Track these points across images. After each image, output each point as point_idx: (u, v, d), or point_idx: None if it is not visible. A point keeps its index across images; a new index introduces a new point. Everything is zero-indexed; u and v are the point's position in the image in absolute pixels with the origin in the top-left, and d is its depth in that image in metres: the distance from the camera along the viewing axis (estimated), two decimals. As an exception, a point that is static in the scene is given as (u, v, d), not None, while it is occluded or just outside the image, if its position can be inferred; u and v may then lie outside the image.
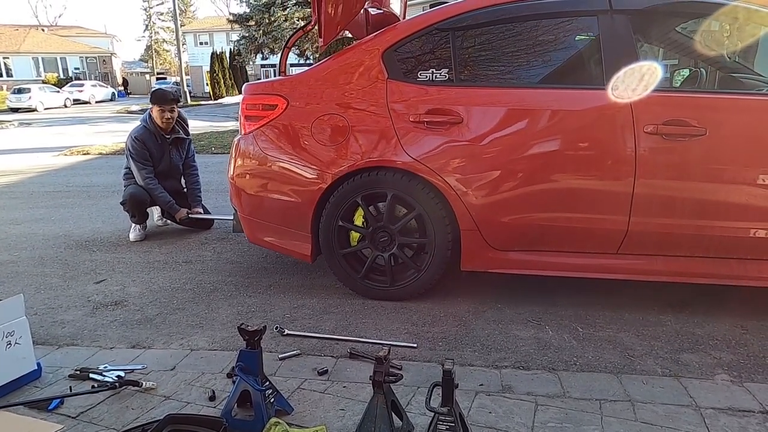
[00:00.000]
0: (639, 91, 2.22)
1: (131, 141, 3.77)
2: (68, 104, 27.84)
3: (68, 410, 1.75)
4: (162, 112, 3.75)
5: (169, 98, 3.82)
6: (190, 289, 2.90)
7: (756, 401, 1.76)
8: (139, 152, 3.75)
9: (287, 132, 2.62)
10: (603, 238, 2.38)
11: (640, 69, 2.23)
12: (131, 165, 3.81)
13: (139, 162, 3.77)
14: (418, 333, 2.33)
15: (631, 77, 2.23)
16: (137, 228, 3.87)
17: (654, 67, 2.23)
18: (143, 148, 3.75)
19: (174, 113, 3.82)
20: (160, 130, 3.81)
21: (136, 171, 3.78)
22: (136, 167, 3.78)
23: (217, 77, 28.80)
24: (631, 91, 2.22)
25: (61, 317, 2.57)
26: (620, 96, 2.23)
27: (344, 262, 2.67)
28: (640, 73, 2.22)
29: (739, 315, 2.43)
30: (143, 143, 3.75)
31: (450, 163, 2.40)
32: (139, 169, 3.77)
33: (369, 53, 2.55)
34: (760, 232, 2.25)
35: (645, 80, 2.23)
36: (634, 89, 2.22)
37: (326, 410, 1.74)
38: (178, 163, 3.99)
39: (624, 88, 2.23)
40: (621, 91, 2.23)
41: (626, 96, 2.23)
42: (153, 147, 3.80)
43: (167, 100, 3.79)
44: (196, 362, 2.08)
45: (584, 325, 2.37)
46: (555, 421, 1.67)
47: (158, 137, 3.81)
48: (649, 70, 2.22)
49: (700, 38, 3.05)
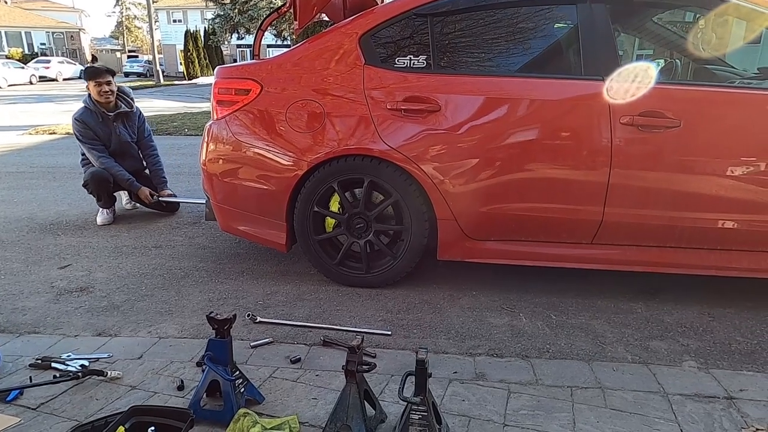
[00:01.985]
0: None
1: (74, 123, 3.63)
2: (34, 81, 26.76)
3: (28, 401, 1.69)
4: (99, 86, 3.61)
5: (103, 70, 3.68)
6: (160, 275, 2.83)
7: (721, 387, 1.80)
8: (84, 133, 3.62)
9: (261, 118, 2.55)
10: (578, 228, 2.40)
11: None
12: (82, 148, 3.68)
13: (88, 143, 3.64)
14: (393, 320, 2.32)
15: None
16: (105, 211, 3.75)
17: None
18: (87, 128, 3.62)
19: (111, 86, 3.67)
20: (101, 107, 3.67)
21: (89, 153, 3.66)
22: (87, 149, 3.65)
23: (191, 57, 28.07)
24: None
25: (22, 304, 2.47)
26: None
27: (319, 249, 2.63)
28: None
29: (707, 303, 2.49)
30: (85, 124, 3.61)
31: (427, 152, 2.37)
32: (90, 149, 3.64)
33: (346, 37, 2.49)
34: (728, 223, 2.30)
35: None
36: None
37: (298, 399, 1.72)
38: (128, 139, 3.83)
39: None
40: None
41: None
42: (97, 126, 3.66)
43: (101, 72, 3.64)
44: (165, 350, 2.03)
45: (557, 313, 2.39)
46: (527, 408, 1.68)
47: (100, 115, 3.67)
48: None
49: (676, 29, 3.08)
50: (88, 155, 3.69)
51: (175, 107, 12.82)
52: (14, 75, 25.37)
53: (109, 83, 3.66)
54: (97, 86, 3.61)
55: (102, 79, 3.62)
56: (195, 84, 24.59)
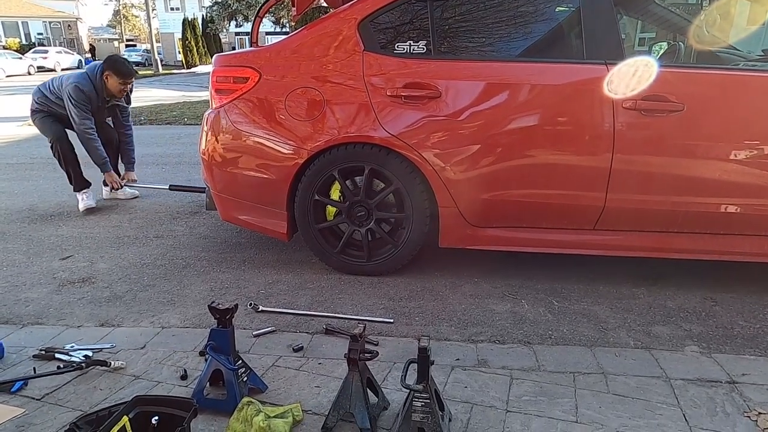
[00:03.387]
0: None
1: (76, 90, 3.53)
2: (32, 71, 26.60)
3: (32, 392, 1.69)
4: (124, 84, 3.64)
5: (133, 72, 3.72)
6: (162, 265, 2.83)
7: (723, 372, 1.80)
8: (81, 99, 3.55)
9: (261, 106, 2.52)
10: (580, 214, 2.38)
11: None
12: (71, 109, 3.56)
13: (82, 110, 3.57)
14: (395, 308, 2.32)
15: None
16: (84, 196, 3.76)
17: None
18: (87, 102, 3.58)
19: (130, 85, 3.74)
20: (107, 95, 3.67)
21: (77, 117, 3.56)
22: (77, 114, 3.56)
23: (189, 45, 27.89)
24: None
25: (25, 295, 2.48)
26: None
27: (320, 237, 2.63)
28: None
29: (710, 287, 2.48)
30: (86, 95, 3.56)
31: (428, 139, 2.35)
32: (81, 117, 3.57)
33: (345, 23, 2.45)
34: (731, 207, 2.28)
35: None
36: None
37: (301, 387, 1.73)
38: (108, 121, 3.87)
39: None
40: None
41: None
42: (93, 105, 3.64)
43: (131, 74, 3.69)
44: (168, 340, 2.03)
45: (559, 299, 2.39)
46: (530, 394, 1.69)
47: (101, 99, 3.66)
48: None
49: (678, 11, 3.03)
50: (75, 118, 3.57)
51: (174, 96, 12.76)
52: (12, 65, 25.24)
53: (131, 84, 3.72)
54: (122, 84, 3.63)
55: (129, 80, 3.67)
56: (194, 73, 24.46)
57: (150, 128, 8.03)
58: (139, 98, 12.95)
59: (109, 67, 3.60)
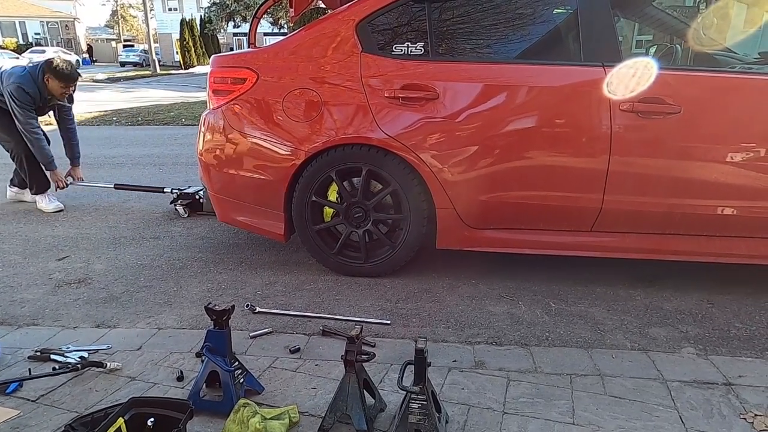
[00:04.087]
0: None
1: (19, 91, 3.50)
2: (29, 72, 26.52)
3: (28, 393, 1.69)
4: (65, 88, 3.60)
5: (75, 77, 3.65)
6: (158, 266, 2.82)
7: (720, 374, 1.80)
8: (25, 99, 3.53)
9: (258, 107, 2.52)
10: (577, 215, 2.39)
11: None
12: (14, 108, 3.54)
13: (26, 107, 3.54)
14: (392, 309, 2.31)
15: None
16: (47, 198, 3.77)
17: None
18: (31, 102, 3.56)
19: (73, 87, 3.68)
20: (47, 95, 3.62)
21: (21, 116, 3.54)
22: (21, 113, 3.54)
23: (187, 45, 27.87)
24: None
25: (20, 296, 2.47)
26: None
27: (318, 238, 2.62)
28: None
29: (706, 289, 2.49)
30: (30, 95, 3.53)
31: (425, 140, 2.35)
32: (26, 117, 3.55)
33: (343, 24, 2.45)
34: (728, 209, 2.29)
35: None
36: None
37: (298, 389, 1.72)
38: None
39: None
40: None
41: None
42: (36, 104, 3.62)
43: (74, 78, 3.63)
44: (164, 341, 2.03)
45: (556, 300, 2.39)
46: (527, 396, 1.69)
47: (43, 99, 3.63)
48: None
49: (675, 14, 3.04)
50: (19, 117, 3.55)
51: (172, 97, 12.75)
52: (9, 66, 25.13)
53: (74, 87, 3.67)
54: (63, 88, 3.59)
55: (72, 84, 3.62)
56: (191, 73, 24.44)
57: (147, 129, 8.02)
58: (136, 99, 12.93)
59: (49, 71, 3.54)
